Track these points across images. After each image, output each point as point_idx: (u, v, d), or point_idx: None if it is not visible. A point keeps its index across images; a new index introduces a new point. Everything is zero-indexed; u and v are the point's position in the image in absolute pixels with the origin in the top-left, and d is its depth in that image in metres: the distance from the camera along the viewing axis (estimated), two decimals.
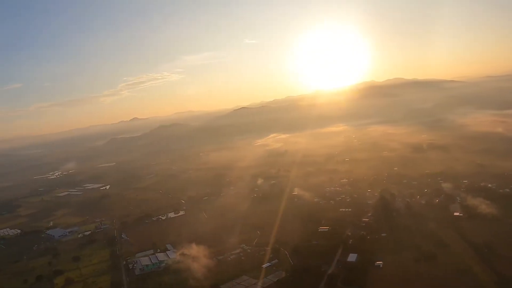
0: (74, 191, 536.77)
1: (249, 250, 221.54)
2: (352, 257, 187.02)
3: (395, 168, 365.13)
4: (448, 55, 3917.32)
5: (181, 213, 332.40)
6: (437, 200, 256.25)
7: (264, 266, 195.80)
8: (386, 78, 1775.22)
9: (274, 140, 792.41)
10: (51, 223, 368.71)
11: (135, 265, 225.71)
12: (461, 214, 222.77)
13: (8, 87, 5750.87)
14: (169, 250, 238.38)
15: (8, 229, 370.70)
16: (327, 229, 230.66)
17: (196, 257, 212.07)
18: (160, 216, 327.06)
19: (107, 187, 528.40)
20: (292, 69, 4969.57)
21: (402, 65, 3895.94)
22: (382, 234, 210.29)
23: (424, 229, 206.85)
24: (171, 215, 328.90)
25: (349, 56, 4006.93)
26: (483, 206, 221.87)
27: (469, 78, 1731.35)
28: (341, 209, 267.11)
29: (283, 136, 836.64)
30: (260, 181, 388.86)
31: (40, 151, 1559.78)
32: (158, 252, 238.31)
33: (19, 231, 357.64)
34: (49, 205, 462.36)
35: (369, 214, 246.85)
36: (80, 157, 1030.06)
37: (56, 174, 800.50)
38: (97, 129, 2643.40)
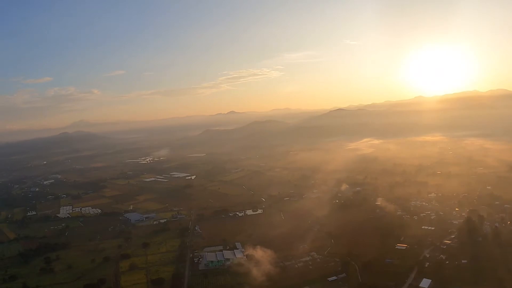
0: (160, 178, 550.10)
1: (318, 260, 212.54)
2: (425, 283, 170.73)
3: (488, 187, 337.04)
4: None
5: (259, 211, 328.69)
6: None
7: (329, 279, 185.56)
8: (490, 88, 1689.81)
9: (366, 145, 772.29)
10: (131, 207, 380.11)
11: (200, 259, 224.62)
12: None
13: (112, 73, 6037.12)
14: (237, 249, 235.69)
15: (90, 208, 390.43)
16: (404, 247, 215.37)
17: (261, 260, 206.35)
18: (237, 212, 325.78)
19: (193, 177, 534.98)
20: (393, 73, 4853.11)
21: (507, 75, 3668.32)
22: (463, 261, 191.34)
23: (510, 261, 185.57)
24: (249, 212, 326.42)
25: (453, 64, 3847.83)
26: None
27: None
28: (423, 227, 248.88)
29: (376, 141, 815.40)
30: (344, 187, 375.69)
31: (137, 136, 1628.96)
32: (227, 249, 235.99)
33: (99, 211, 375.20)
34: (134, 189, 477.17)
35: (453, 236, 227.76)
36: (173, 145, 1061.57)
37: (147, 159, 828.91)
38: (194, 119, 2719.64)
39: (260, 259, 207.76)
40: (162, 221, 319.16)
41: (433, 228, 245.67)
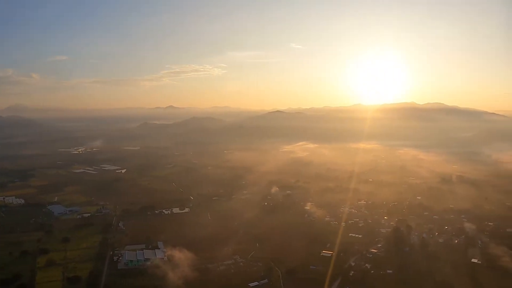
0: (91, 170, 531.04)
1: (241, 263, 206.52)
2: None
3: (418, 198, 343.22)
4: (494, 86, 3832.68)
5: (186, 210, 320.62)
6: (456, 241, 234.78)
7: (251, 285, 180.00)
8: (427, 101, 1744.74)
9: (302, 149, 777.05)
10: (56, 199, 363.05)
11: (120, 258, 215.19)
12: (480, 262, 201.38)
13: (54, 58, 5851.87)
14: (159, 249, 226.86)
15: (13, 197, 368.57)
16: (330, 254, 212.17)
17: (182, 262, 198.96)
18: (163, 210, 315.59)
19: (123, 170, 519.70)
20: (334, 79, 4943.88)
21: (445, 90, 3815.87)
22: (388, 271, 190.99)
23: (436, 273, 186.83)
24: (176, 210, 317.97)
25: (393, 75, 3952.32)
26: (505, 256, 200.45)
27: None
28: (351, 234, 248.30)
29: (312, 145, 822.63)
30: (275, 189, 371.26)
31: (73, 125, 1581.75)
32: (149, 249, 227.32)
33: (23, 201, 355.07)
34: (62, 179, 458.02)
35: (379, 245, 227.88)
36: (109, 136, 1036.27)
37: (80, 150, 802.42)
38: (133, 111, 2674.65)
39: (181, 261, 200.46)
40: (86, 215, 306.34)
41: (360, 236, 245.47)
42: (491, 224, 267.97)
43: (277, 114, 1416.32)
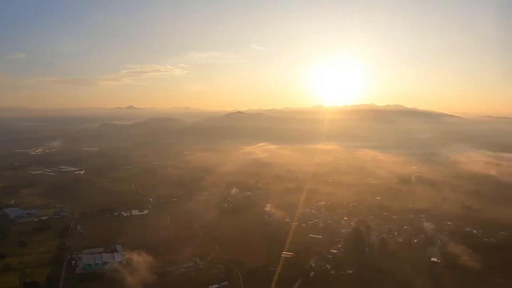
0: (49, 171, 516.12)
1: (201, 266, 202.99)
2: None
3: (377, 198, 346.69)
4: (451, 89, 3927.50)
5: (145, 212, 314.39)
6: (415, 240, 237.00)
7: (211, 287, 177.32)
8: (387, 103, 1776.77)
9: (262, 149, 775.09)
10: (12, 201, 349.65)
11: (78, 262, 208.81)
12: (439, 261, 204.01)
13: (12, 56, 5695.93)
14: (117, 252, 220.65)
15: None
16: (290, 256, 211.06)
17: (141, 265, 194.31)
18: (122, 212, 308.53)
19: (82, 172, 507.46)
20: (295, 80, 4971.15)
21: (404, 92, 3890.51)
22: (349, 271, 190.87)
23: (396, 272, 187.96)
24: (135, 212, 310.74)
25: (353, 77, 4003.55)
26: (464, 255, 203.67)
27: (469, 116, 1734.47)
28: (311, 235, 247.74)
29: (272, 146, 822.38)
30: (235, 190, 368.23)
31: (32, 125, 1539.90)
32: (107, 252, 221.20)
33: None
34: (19, 181, 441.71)
35: (339, 246, 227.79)
36: (68, 137, 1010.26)
37: (38, 150, 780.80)
38: (93, 111, 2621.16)
39: (140, 264, 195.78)
40: (43, 218, 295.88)
41: (320, 236, 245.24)
42: (450, 223, 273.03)
43: (237, 115, 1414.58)
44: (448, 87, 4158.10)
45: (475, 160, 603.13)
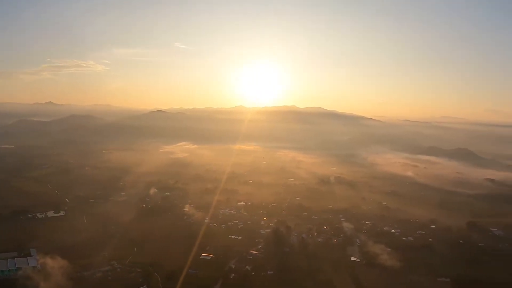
0: None
1: (119, 269, 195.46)
2: None
3: (297, 198, 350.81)
4: (371, 93, 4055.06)
5: (61, 213, 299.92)
6: (335, 240, 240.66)
7: None
8: (307, 105, 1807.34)
9: (182, 149, 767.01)
10: None
11: None
12: (358, 260, 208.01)
13: None
14: (31, 256, 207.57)
15: None
16: (210, 257, 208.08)
17: (56, 270, 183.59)
18: (37, 214, 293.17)
19: None
20: (218, 80, 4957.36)
21: (325, 95, 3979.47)
22: (269, 272, 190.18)
23: (316, 272, 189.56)
24: (50, 214, 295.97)
25: (275, 78, 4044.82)
26: (383, 254, 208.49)
27: (388, 119, 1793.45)
28: (230, 236, 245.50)
29: (192, 146, 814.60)
30: (153, 191, 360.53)
31: None
32: (21, 256, 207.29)
33: None
34: None
35: (259, 247, 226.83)
36: None
37: None
38: (10, 106, 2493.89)
39: (54, 269, 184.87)
40: None
41: (240, 237, 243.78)
42: (369, 223, 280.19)
43: (158, 113, 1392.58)
44: (368, 91, 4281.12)
45: (393, 162, 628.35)
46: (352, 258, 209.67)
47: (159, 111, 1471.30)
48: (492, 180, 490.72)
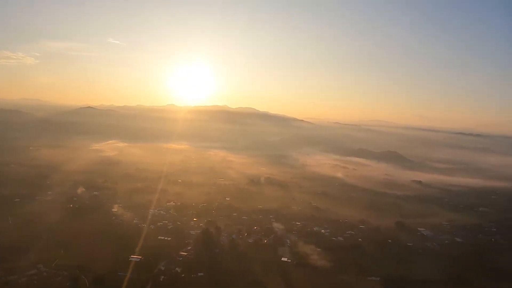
0: None
1: (45, 273, 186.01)
2: None
3: (227, 199, 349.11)
4: (303, 95, 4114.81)
5: None
6: (265, 241, 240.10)
7: None
8: (239, 105, 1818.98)
9: (112, 147, 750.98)
10: None
11: None
12: (289, 261, 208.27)
13: None
14: None
15: None
16: (139, 259, 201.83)
17: None
18: None
19: None
20: (150, 78, 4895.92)
21: (257, 96, 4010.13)
22: (199, 274, 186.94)
23: (247, 273, 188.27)
24: None
25: (208, 77, 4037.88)
26: (313, 254, 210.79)
27: (319, 121, 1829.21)
28: (160, 237, 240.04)
29: (122, 144, 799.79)
30: (81, 190, 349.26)
31: None
32: None
33: None
34: None
35: (189, 248, 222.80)
36: None
37: None
38: None
39: None
40: None
41: (169, 238, 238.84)
42: (299, 223, 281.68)
43: (88, 110, 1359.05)
44: (301, 93, 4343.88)
45: (323, 163, 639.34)
46: (283, 259, 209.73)
47: (89, 107, 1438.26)
48: (419, 182, 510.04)
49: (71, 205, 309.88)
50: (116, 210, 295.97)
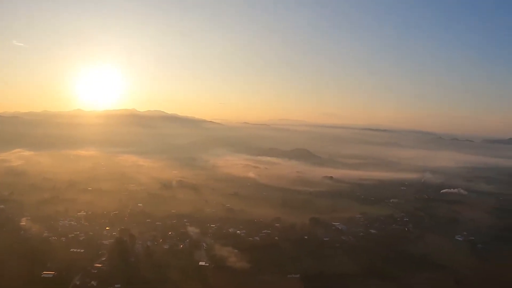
0: None
1: None
2: None
3: (139, 205, 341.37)
4: (211, 95, 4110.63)
5: None
6: (181, 246, 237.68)
7: None
8: (148, 108, 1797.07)
9: (16, 157, 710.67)
10: None
11: None
12: (207, 264, 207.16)
13: None
14: None
15: None
16: (52, 275, 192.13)
17: None
18: None
19: None
20: (56, 82, 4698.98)
21: (165, 98, 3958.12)
22: (116, 286, 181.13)
23: (165, 280, 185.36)
24: None
25: (115, 80, 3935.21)
26: (231, 256, 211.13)
27: (228, 122, 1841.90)
28: (72, 249, 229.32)
29: (28, 153, 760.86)
30: None
31: None
32: None
33: None
34: None
35: (104, 259, 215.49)
36: None
37: None
38: None
39: None
40: None
41: (82, 250, 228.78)
42: (214, 226, 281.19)
43: None
44: (208, 94, 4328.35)
45: (234, 164, 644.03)
46: (201, 263, 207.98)
47: None
48: (331, 178, 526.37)
49: None
50: (24, 223, 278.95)
